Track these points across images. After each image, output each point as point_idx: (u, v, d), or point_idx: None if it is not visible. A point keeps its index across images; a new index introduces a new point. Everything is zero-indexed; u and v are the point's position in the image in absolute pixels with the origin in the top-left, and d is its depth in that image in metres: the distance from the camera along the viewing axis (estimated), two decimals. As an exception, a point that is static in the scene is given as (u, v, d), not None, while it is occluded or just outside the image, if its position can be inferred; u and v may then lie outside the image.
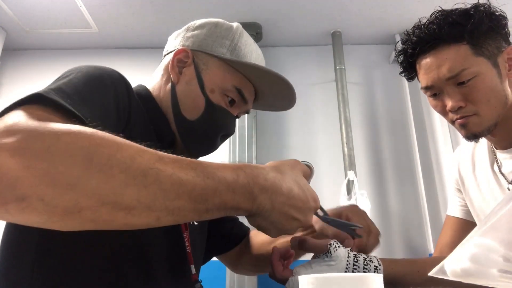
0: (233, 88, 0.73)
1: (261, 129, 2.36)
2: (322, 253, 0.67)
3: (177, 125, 0.73)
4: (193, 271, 0.71)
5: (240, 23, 0.80)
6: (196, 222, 0.79)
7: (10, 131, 0.39)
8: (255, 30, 2.39)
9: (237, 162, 2.08)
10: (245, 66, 0.73)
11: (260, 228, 0.54)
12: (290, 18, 2.36)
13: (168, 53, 0.78)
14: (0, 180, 0.36)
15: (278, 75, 0.73)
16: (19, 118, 0.41)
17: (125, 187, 0.40)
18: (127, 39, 2.54)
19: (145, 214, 0.41)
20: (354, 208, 0.79)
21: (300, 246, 0.70)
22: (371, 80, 2.53)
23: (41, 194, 0.36)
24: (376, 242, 0.74)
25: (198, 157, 0.77)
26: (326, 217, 0.66)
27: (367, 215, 0.78)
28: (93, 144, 0.40)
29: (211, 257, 0.94)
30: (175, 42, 0.78)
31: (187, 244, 0.71)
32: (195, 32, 0.76)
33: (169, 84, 0.75)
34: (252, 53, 0.77)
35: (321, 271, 0.64)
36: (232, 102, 0.75)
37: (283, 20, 2.38)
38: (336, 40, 2.47)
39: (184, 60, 0.74)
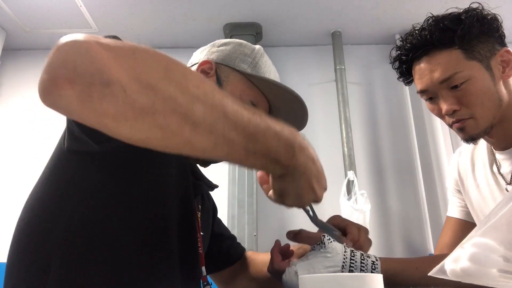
0: (250, 102, 0.76)
1: (261, 129, 2.36)
2: (316, 244, 0.68)
3: None
4: (204, 272, 0.72)
5: (240, 23, 0.83)
6: (202, 232, 0.80)
7: (100, 40, 0.43)
8: (255, 30, 2.39)
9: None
10: (263, 82, 0.77)
11: (282, 191, 0.56)
12: (290, 18, 2.36)
13: (192, 65, 0.82)
14: (91, 63, 0.39)
15: (294, 93, 0.78)
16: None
17: (196, 101, 0.43)
18: (127, 39, 2.51)
19: (206, 135, 0.43)
20: (336, 216, 0.80)
21: (296, 238, 0.73)
22: (371, 80, 2.53)
23: (125, 85, 0.39)
24: (367, 238, 0.75)
25: (208, 165, 0.80)
26: (314, 217, 0.67)
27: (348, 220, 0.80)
28: (171, 60, 0.44)
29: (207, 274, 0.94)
30: (200, 55, 0.82)
31: (199, 245, 0.73)
32: (220, 48, 0.81)
33: None
34: (271, 73, 0.82)
35: (317, 262, 0.64)
36: None
37: (283, 20, 2.38)
38: (336, 40, 2.47)
39: (207, 72, 0.77)
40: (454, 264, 0.44)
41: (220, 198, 2.13)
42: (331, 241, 0.67)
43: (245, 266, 0.96)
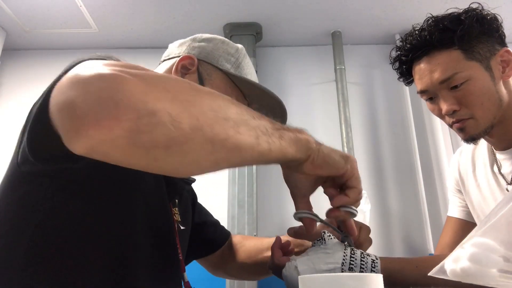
0: None
1: (261, 129, 2.36)
2: (317, 240, 0.69)
3: None
4: (186, 278, 0.71)
5: (240, 23, 0.83)
6: (183, 226, 0.79)
7: (126, 67, 0.41)
8: (255, 30, 2.39)
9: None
10: (245, 83, 0.76)
11: (315, 166, 0.55)
12: (290, 18, 2.36)
13: (168, 59, 0.79)
14: (132, 96, 0.37)
15: (274, 96, 0.77)
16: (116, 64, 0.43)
17: (230, 104, 0.45)
18: (127, 39, 2.54)
19: (248, 131, 0.44)
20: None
21: (296, 234, 0.72)
22: (371, 80, 2.53)
23: (169, 108, 0.38)
24: (368, 237, 0.74)
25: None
26: (319, 218, 0.66)
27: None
28: (187, 81, 0.45)
29: (191, 261, 0.94)
30: (178, 49, 0.80)
31: (179, 251, 0.71)
32: (202, 43, 0.79)
33: None
34: (252, 74, 0.81)
35: (317, 258, 0.65)
36: None
37: (283, 20, 2.38)
38: (336, 40, 2.47)
39: (189, 67, 0.75)
40: (454, 264, 0.44)
41: (220, 198, 2.13)
42: (331, 238, 0.67)
43: (233, 252, 0.96)
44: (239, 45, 0.83)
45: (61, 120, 0.40)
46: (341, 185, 0.60)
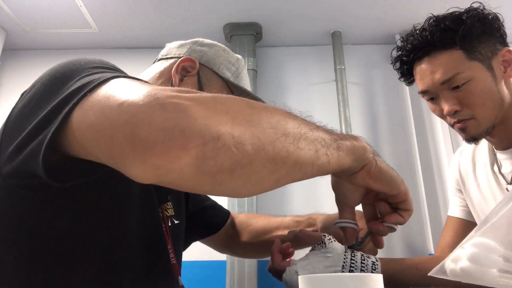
0: None
1: (261, 129, 2.36)
2: (317, 244, 0.69)
3: None
4: (180, 282, 0.71)
5: (240, 23, 0.83)
6: (177, 220, 0.79)
7: (180, 92, 0.40)
8: (255, 30, 2.38)
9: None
10: (243, 94, 0.75)
11: (370, 176, 0.56)
12: (290, 18, 2.36)
13: (166, 58, 0.78)
14: (196, 121, 0.37)
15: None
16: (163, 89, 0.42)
17: (287, 118, 0.45)
18: (127, 39, 2.54)
19: (307, 145, 0.45)
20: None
21: (296, 238, 0.72)
22: (371, 80, 2.53)
23: (231, 131, 0.38)
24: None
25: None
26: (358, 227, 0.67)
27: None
28: (243, 98, 0.45)
29: (192, 243, 0.95)
30: (179, 50, 0.79)
31: (172, 255, 0.70)
32: (204, 48, 0.79)
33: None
34: (248, 86, 0.82)
35: (318, 261, 0.65)
36: None
37: (283, 20, 2.37)
38: (336, 40, 2.47)
39: (189, 70, 0.75)
40: (454, 264, 0.44)
41: (220, 197, 2.13)
42: (331, 241, 0.67)
43: (238, 232, 0.98)
44: (239, 56, 0.84)
45: (115, 146, 0.39)
46: (390, 203, 0.62)
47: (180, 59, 0.75)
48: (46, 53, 2.61)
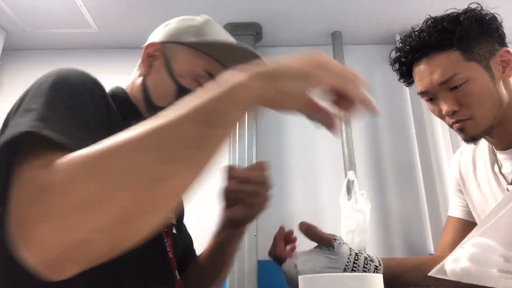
0: (204, 72, 0.74)
1: (261, 129, 2.36)
2: (325, 246, 0.68)
3: (150, 115, 0.71)
4: (177, 276, 0.70)
5: (240, 23, 0.82)
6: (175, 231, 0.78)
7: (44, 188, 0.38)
8: (255, 30, 2.38)
9: (236, 162, 2.08)
10: (212, 47, 0.74)
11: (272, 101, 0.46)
12: (290, 18, 2.36)
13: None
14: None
15: (244, 46, 0.74)
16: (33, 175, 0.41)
17: (135, 154, 0.38)
18: (127, 39, 2.54)
19: (174, 163, 0.39)
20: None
21: (307, 232, 0.70)
22: (371, 80, 2.52)
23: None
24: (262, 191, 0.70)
25: None
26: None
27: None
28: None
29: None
30: (150, 39, 0.81)
31: (168, 249, 0.70)
32: (166, 27, 0.80)
33: (140, 78, 0.77)
34: (221, 34, 0.78)
35: (319, 261, 0.65)
36: None
37: (283, 20, 2.37)
38: (336, 40, 2.47)
39: (153, 54, 0.76)
40: (454, 264, 0.44)
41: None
42: (341, 245, 0.67)
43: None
44: (205, 15, 0.81)
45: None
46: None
47: (143, 49, 0.77)
48: (46, 53, 2.61)
